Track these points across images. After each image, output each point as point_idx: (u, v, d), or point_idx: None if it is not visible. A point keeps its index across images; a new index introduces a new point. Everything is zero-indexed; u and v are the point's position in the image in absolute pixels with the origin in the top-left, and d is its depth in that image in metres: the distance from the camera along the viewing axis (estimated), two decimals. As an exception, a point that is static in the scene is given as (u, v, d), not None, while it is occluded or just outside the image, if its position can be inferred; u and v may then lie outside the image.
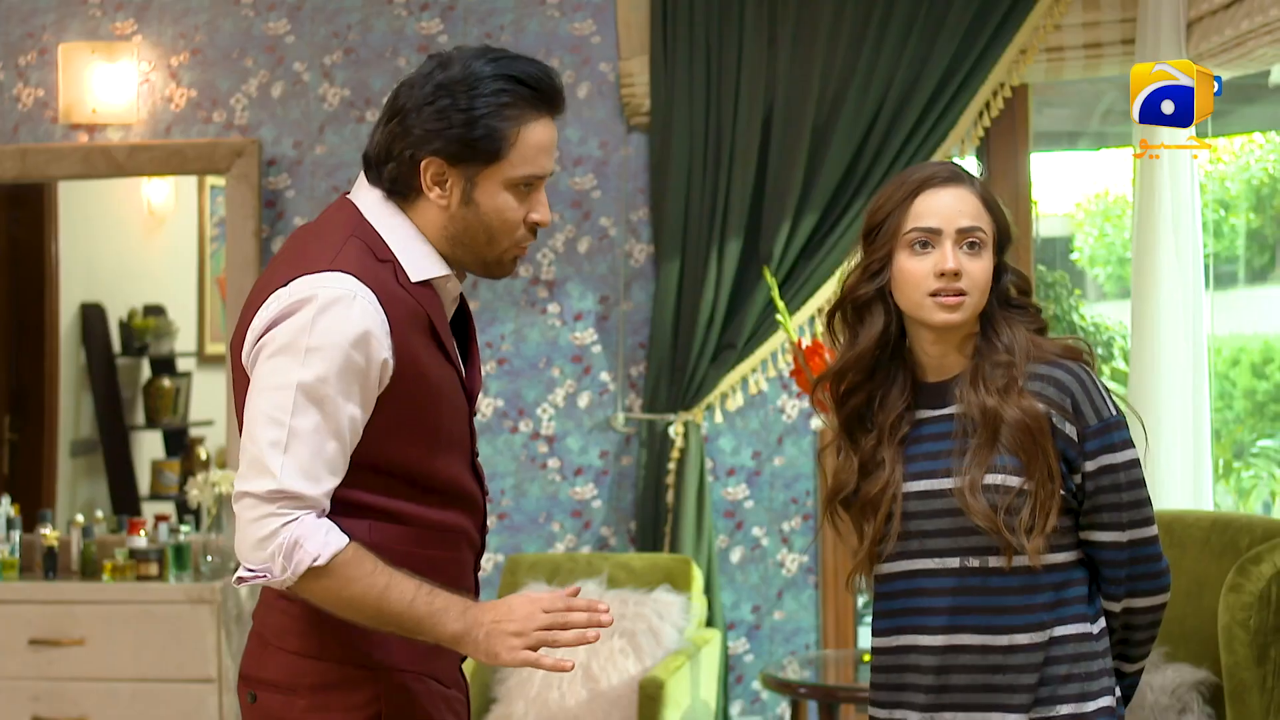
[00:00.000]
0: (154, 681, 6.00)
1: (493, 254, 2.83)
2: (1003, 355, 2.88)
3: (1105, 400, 2.87)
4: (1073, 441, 2.84)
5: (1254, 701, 4.21)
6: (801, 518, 6.43)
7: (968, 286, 2.88)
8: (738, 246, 6.26)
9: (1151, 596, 2.93)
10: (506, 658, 2.69)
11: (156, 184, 6.95)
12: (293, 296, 2.67)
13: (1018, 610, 2.85)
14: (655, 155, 6.38)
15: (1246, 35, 5.21)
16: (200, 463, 6.94)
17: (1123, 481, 2.86)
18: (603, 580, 5.88)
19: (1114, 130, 7.52)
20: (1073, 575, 2.89)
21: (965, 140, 6.24)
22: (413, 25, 6.54)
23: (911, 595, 2.94)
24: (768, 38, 6.28)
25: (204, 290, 7.06)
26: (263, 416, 2.64)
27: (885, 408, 2.97)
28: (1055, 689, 2.84)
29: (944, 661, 2.89)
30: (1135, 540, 2.88)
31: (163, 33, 6.62)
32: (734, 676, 6.44)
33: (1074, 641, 2.86)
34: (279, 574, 2.63)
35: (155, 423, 7.10)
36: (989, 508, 2.82)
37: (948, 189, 2.92)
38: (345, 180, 6.52)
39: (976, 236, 2.89)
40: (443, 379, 2.79)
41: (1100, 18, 6.12)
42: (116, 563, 6.16)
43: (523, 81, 2.75)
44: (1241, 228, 9.28)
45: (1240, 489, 8.00)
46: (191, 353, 7.11)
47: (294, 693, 2.76)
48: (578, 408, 6.49)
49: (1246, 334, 9.16)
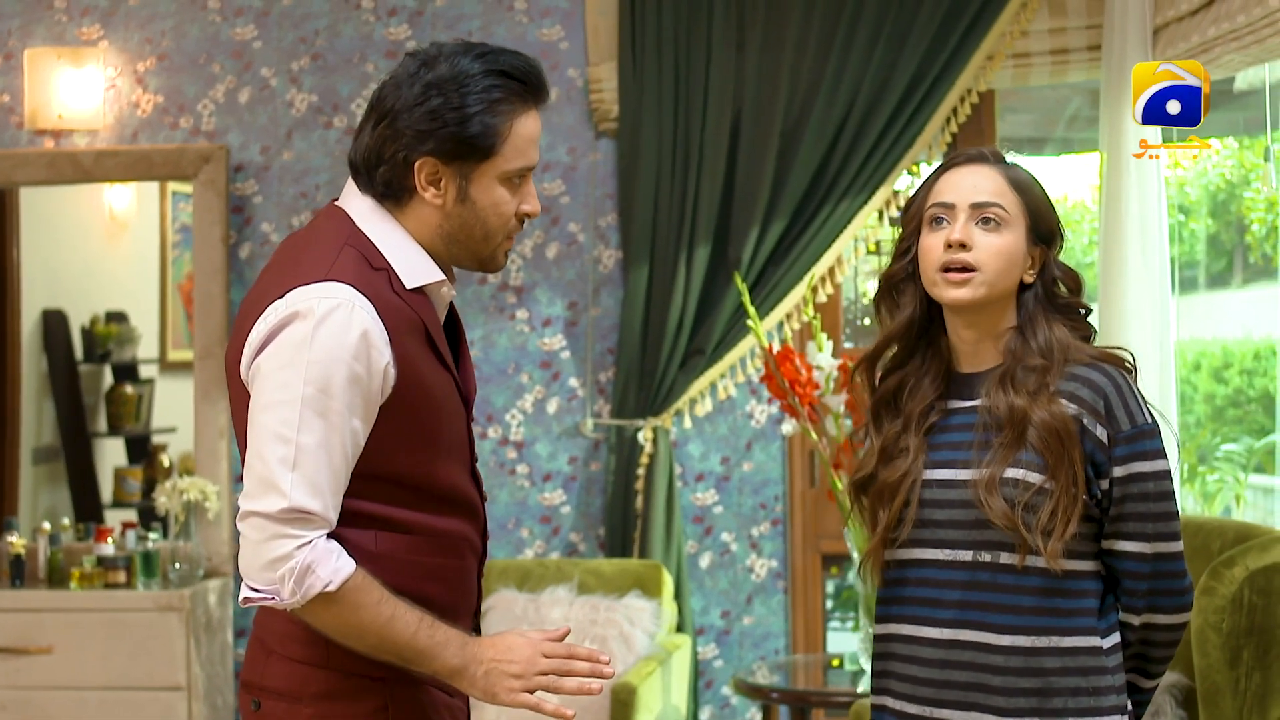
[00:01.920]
0: (123, 690, 5.97)
1: (487, 249, 2.82)
2: (1036, 359, 2.84)
3: (1140, 407, 2.82)
4: (1103, 444, 2.79)
5: (1227, 704, 4.22)
6: (770, 523, 6.43)
7: (976, 261, 2.85)
8: (706, 252, 6.27)
9: (1173, 614, 2.87)
10: (505, 699, 2.71)
11: (119, 190, 6.92)
12: (290, 308, 2.65)
13: (1023, 611, 2.81)
14: (623, 161, 6.38)
15: (1214, 41, 5.23)
16: (163, 470, 6.90)
17: (1151, 491, 2.81)
18: (573, 586, 5.88)
19: (1079, 136, 7.55)
20: (1086, 586, 2.84)
21: (933, 145, 6.26)
22: (380, 31, 6.53)
23: (920, 585, 2.91)
24: (736, 43, 6.29)
25: (166, 296, 7.03)
26: (269, 434, 2.62)
27: (916, 395, 2.96)
28: (1065, 701, 2.80)
29: (946, 656, 2.87)
30: (1160, 554, 2.82)
31: (129, 38, 6.59)
32: (703, 682, 6.44)
33: (1084, 654, 2.82)
34: (288, 597, 2.61)
35: (118, 430, 7.06)
36: (1006, 505, 2.78)
37: (970, 167, 2.92)
38: (313, 186, 6.51)
39: (992, 212, 2.86)
40: (441, 385, 2.79)
41: (1066, 24, 6.15)
42: (84, 570, 6.12)
43: (511, 75, 2.74)
44: (1202, 233, 9.34)
45: (1205, 493, 8.05)
46: (154, 359, 7.07)
47: (299, 701, 2.74)
48: (546, 414, 6.49)
49: (1206, 339, 9.22)
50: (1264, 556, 4.25)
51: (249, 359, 2.69)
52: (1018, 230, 2.88)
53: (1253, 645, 4.21)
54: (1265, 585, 4.22)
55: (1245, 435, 8.51)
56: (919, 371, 2.98)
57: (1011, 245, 2.87)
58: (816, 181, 6.25)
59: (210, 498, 6.25)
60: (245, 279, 6.52)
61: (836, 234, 6.24)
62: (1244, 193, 9.48)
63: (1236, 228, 9.69)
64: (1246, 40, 5.07)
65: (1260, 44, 5.02)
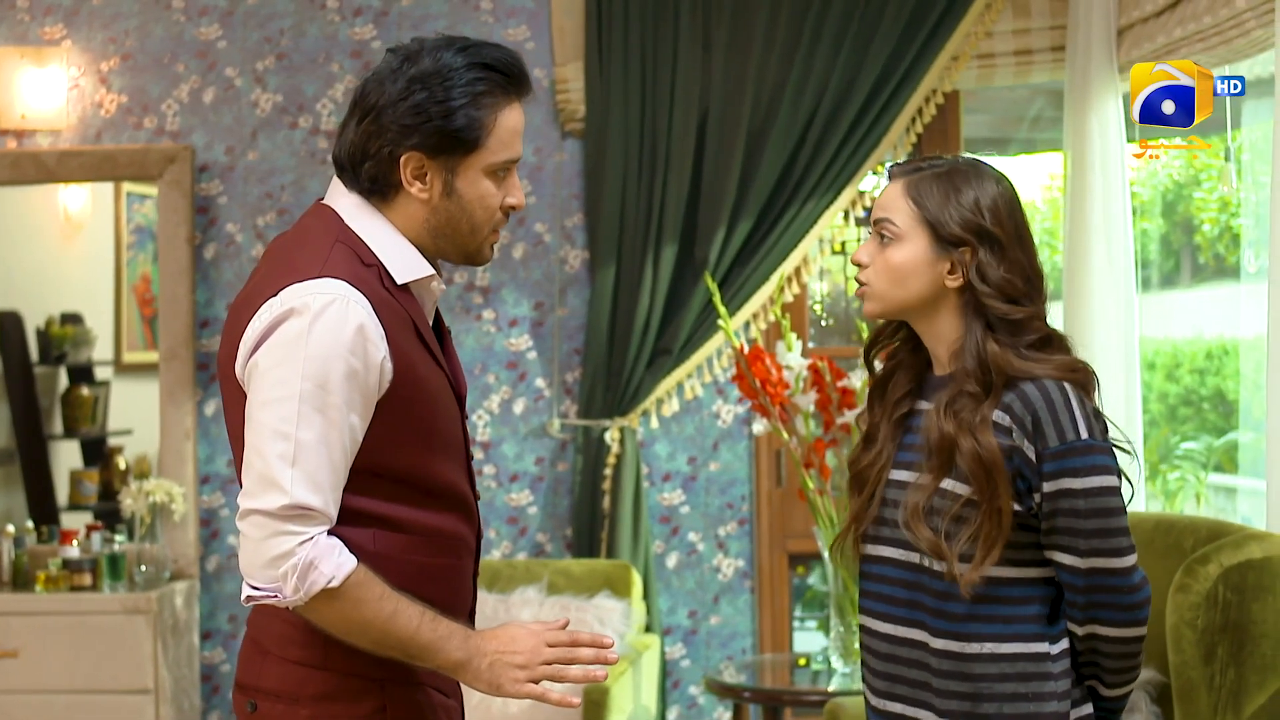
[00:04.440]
0: (89, 693, 5.94)
1: (474, 242, 2.82)
2: (971, 384, 2.82)
3: (1076, 422, 2.77)
4: (1030, 461, 2.77)
5: (1202, 700, 4.25)
6: (737, 522, 6.45)
7: (866, 277, 2.90)
8: (673, 252, 6.28)
9: (1121, 628, 2.82)
10: (510, 690, 2.70)
11: (73, 190, 6.87)
12: (284, 305, 2.64)
13: (953, 618, 2.82)
14: (590, 161, 6.38)
15: (1179, 43, 5.26)
16: (119, 472, 6.86)
17: (1082, 508, 2.76)
18: (543, 587, 5.88)
19: (1042, 136, 7.61)
20: (1031, 593, 2.84)
21: (898, 146, 6.29)
22: (345, 31, 6.50)
23: (880, 581, 2.94)
24: (702, 43, 6.30)
25: (121, 298, 6.97)
26: (268, 430, 2.61)
27: (894, 386, 3.00)
28: (1000, 706, 2.81)
29: (894, 652, 2.91)
30: (1096, 569, 2.77)
31: (92, 38, 6.54)
32: (670, 682, 6.45)
33: (1025, 660, 2.81)
34: (290, 594, 2.60)
35: (73, 432, 7.01)
36: (931, 532, 2.80)
37: (889, 183, 2.94)
38: (278, 186, 6.48)
39: (883, 228, 2.89)
40: (435, 381, 2.78)
41: (1030, 25, 6.19)
42: (49, 573, 6.08)
43: (495, 68, 2.74)
44: (1155, 233, 9.42)
45: (1167, 491, 8.11)
46: (109, 361, 7.02)
47: (297, 703, 2.73)
48: (513, 414, 6.48)
49: (1158, 338, 9.30)
50: (1238, 553, 4.28)
51: (244, 357, 2.68)
52: (915, 242, 2.87)
53: (1227, 642, 4.24)
54: (1239, 582, 4.26)
55: (1204, 434, 8.58)
56: (904, 365, 3.01)
57: (902, 258, 2.88)
58: (783, 182, 6.27)
59: (176, 499, 6.21)
60: (210, 280, 6.48)
61: (803, 234, 6.26)
62: (1193, 193, 9.56)
63: (1185, 228, 9.77)
64: (1213, 42, 5.10)
65: (1226, 45, 5.05)
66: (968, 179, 2.88)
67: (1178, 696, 4.29)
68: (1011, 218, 2.88)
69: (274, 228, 6.46)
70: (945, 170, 2.89)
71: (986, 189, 2.88)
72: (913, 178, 2.90)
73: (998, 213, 2.86)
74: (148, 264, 6.91)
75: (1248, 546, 4.30)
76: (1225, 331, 9.31)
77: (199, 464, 6.43)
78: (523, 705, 5.50)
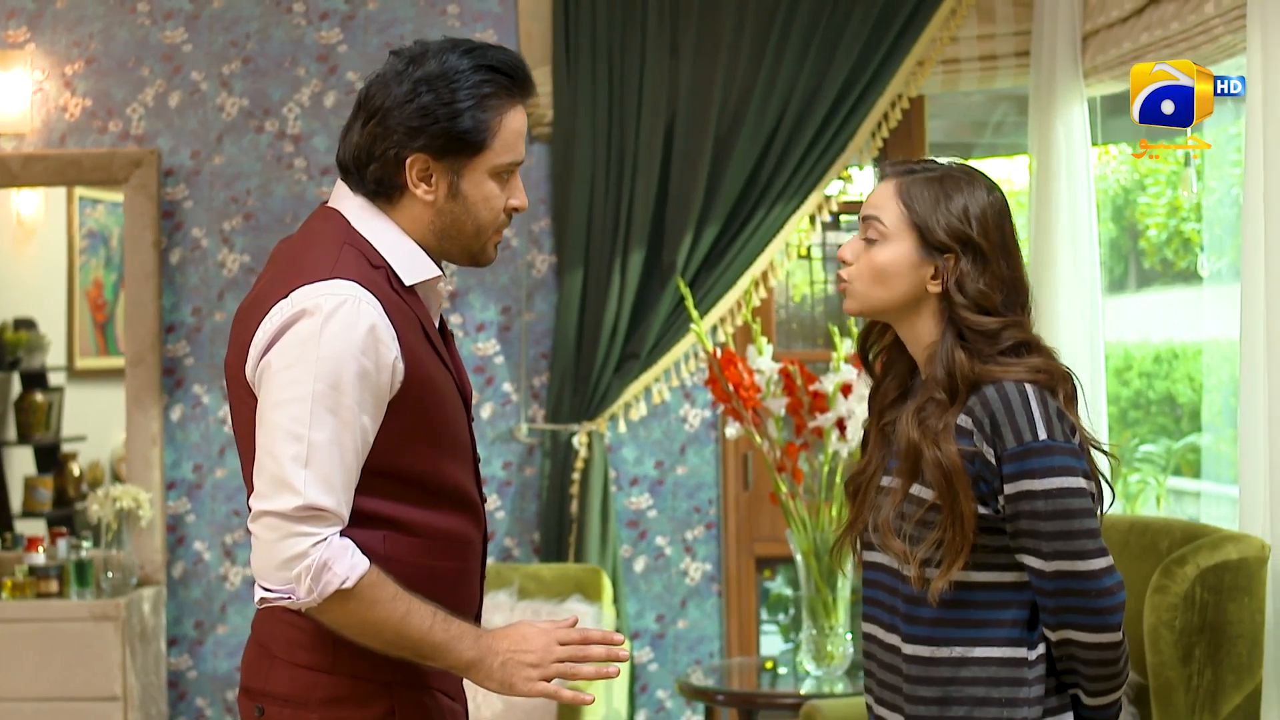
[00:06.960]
0: (57, 700, 5.89)
1: (478, 243, 2.83)
2: (939, 391, 2.82)
3: (1034, 424, 2.75)
4: (989, 464, 2.76)
5: (1179, 700, 4.30)
6: (705, 526, 6.46)
7: (848, 274, 2.91)
8: (641, 256, 6.29)
9: (1094, 634, 2.77)
10: (523, 689, 2.71)
11: (25, 195, 6.81)
12: (296, 306, 2.64)
13: (921, 622, 2.83)
14: (557, 165, 6.39)
15: (1145, 48, 5.28)
16: (73, 479, 6.82)
17: (1042, 510, 2.73)
18: (514, 591, 5.88)
19: (1005, 141, 7.66)
20: (1007, 597, 2.82)
21: (863, 151, 6.32)
22: (312, 35, 6.48)
23: (874, 586, 2.95)
24: (670, 48, 6.31)
25: (73, 303, 6.93)
26: (280, 431, 2.61)
27: (884, 393, 3.01)
28: (969, 710, 2.81)
29: (883, 657, 2.93)
30: (1062, 572, 2.74)
31: (56, 41, 6.49)
32: (638, 686, 6.46)
33: (997, 665, 2.80)
34: (304, 596, 2.60)
35: (27, 438, 6.96)
36: (900, 541, 2.82)
37: (882, 180, 2.94)
38: (244, 190, 6.45)
39: (871, 226, 2.89)
40: (443, 382, 2.79)
41: (995, 30, 6.23)
42: (16, 580, 6.04)
43: (500, 70, 2.76)
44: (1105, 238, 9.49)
45: (1128, 494, 8.16)
46: (62, 367, 6.97)
47: (305, 707, 2.73)
48: (481, 418, 6.47)
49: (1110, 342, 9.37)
50: (1215, 554, 4.33)
51: (255, 359, 2.68)
52: (900, 243, 2.87)
53: (1204, 642, 4.29)
54: (1216, 583, 4.30)
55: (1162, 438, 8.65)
56: (893, 369, 3.02)
57: (886, 259, 2.88)
58: (750, 186, 6.29)
59: (143, 505, 6.18)
60: (176, 284, 6.45)
61: (770, 239, 6.29)
62: (1138, 198, 9.64)
63: (1131, 233, 9.85)
64: (1180, 48, 5.11)
65: (1193, 51, 5.07)
66: (960, 185, 2.88)
67: (1155, 697, 4.33)
68: (999, 228, 2.87)
69: (240, 232, 6.43)
70: (939, 175, 2.89)
71: (977, 197, 2.87)
72: (905, 179, 2.90)
73: (985, 222, 2.85)
74: (100, 269, 6.87)
75: (1224, 548, 4.35)
76: (1175, 335, 9.39)
77: (165, 469, 6.39)
78: (495, 710, 5.50)
